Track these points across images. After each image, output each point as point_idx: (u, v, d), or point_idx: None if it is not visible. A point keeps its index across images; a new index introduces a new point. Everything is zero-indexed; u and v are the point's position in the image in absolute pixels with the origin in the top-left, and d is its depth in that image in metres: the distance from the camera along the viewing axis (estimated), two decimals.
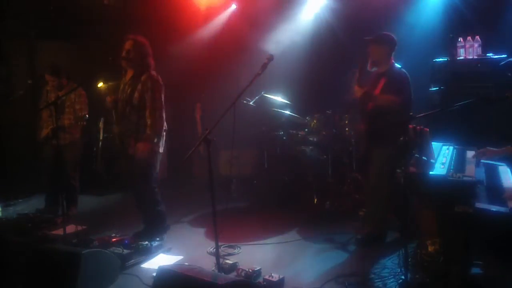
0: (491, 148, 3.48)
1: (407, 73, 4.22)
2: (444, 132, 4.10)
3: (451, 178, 2.93)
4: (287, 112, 5.75)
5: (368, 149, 4.48)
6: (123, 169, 4.69)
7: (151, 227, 4.56)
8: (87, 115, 5.01)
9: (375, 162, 4.32)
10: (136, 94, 4.34)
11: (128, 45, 4.38)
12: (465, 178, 2.91)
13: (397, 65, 4.28)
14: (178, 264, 3.91)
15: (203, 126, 6.77)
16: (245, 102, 5.63)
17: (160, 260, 4.07)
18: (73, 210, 5.46)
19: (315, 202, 5.41)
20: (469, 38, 4.95)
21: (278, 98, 5.73)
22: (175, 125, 4.77)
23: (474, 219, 2.70)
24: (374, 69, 4.33)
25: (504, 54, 4.69)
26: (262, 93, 5.71)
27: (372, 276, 3.63)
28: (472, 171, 3.17)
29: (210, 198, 3.37)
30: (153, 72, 4.44)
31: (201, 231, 4.92)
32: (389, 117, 4.09)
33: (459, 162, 3.42)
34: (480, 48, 4.90)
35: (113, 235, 4.38)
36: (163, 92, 4.43)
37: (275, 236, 4.67)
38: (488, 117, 4.46)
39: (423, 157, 3.05)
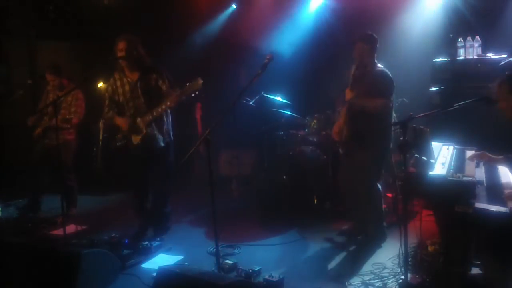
0: (488, 154, 3.51)
1: (389, 72, 4.22)
2: (444, 132, 4.10)
3: (451, 178, 2.93)
4: (287, 112, 5.75)
5: (349, 150, 4.45)
6: (134, 169, 4.63)
7: (155, 227, 4.60)
8: (72, 119, 5.15)
9: (358, 163, 4.30)
10: (153, 83, 4.42)
11: (122, 45, 4.35)
12: (465, 178, 2.91)
13: (380, 65, 4.28)
14: (178, 264, 3.91)
15: (203, 126, 6.77)
16: (245, 102, 5.63)
17: (160, 260, 4.07)
18: (72, 210, 5.47)
19: (315, 202, 5.41)
20: (469, 38, 4.95)
21: (278, 98, 5.73)
22: (175, 125, 4.77)
23: (474, 219, 2.70)
24: (360, 69, 4.33)
25: (504, 54, 4.69)
26: (262, 93, 5.71)
27: (372, 276, 3.64)
28: (472, 171, 3.18)
29: (210, 198, 3.38)
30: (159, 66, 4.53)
31: (201, 231, 4.92)
32: (373, 119, 4.13)
33: (459, 162, 3.42)
34: (480, 48, 4.90)
35: (113, 235, 4.38)
36: None
37: (275, 236, 4.67)
38: (488, 117, 4.46)
39: (423, 157, 3.05)
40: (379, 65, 4.27)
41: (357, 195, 4.37)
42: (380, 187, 4.36)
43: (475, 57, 4.88)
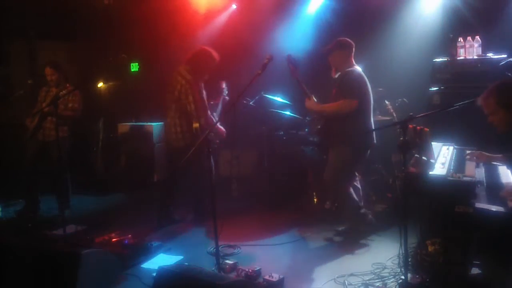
0: (485, 153, 3.50)
1: (361, 74, 4.33)
2: (444, 132, 4.10)
3: (451, 178, 2.93)
4: (287, 112, 5.75)
5: (326, 148, 4.66)
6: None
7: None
8: (69, 115, 5.14)
9: (328, 161, 4.47)
10: None
11: None
12: (465, 178, 2.91)
13: (354, 67, 4.38)
14: (178, 264, 3.91)
15: None
16: (245, 102, 5.64)
17: (160, 260, 4.07)
18: (65, 211, 5.43)
19: (315, 202, 5.41)
20: (469, 38, 4.94)
21: (278, 99, 5.73)
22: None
23: (474, 219, 2.70)
24: (337, 74, 4.46)
25: (504, 54, 4.68)
26: (262, 93, 5.71)
27: (372, 276, 3.64)
28: (472, 171, 3.17)
29: (210, 198, 3.38)
30: None
31: (201, 231, 4.92)
32: (340, 119, 4.28)
33: (459, 162, 3.42)
34: (480, 48, 4.89)
35: (113, 235, 4.38)
36: None
37: (275, 236, 4.67)
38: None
39: (423, 157, 3.05)
40: (356, 67, 4.39)
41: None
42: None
43: (475, 57, 4.87)
